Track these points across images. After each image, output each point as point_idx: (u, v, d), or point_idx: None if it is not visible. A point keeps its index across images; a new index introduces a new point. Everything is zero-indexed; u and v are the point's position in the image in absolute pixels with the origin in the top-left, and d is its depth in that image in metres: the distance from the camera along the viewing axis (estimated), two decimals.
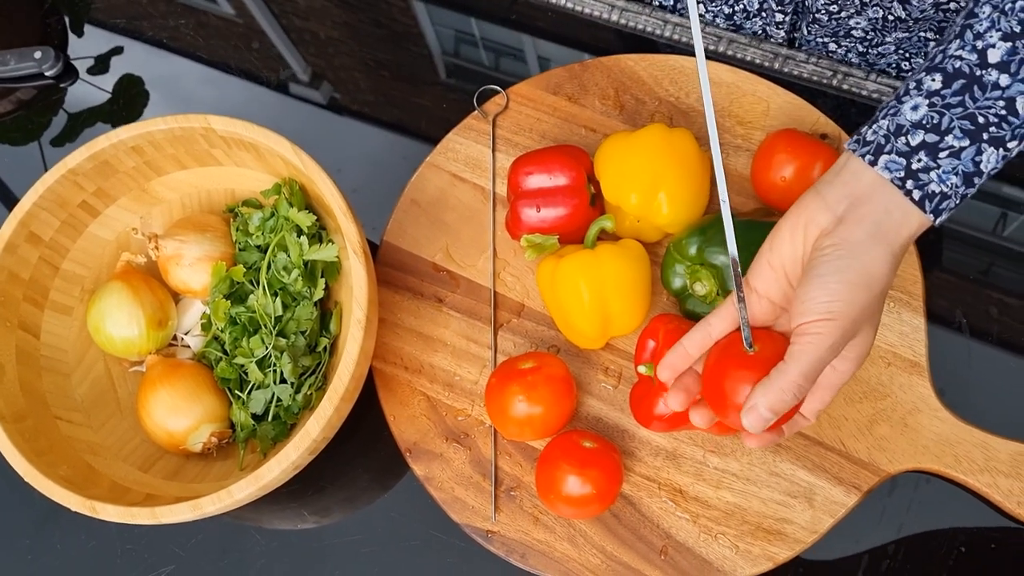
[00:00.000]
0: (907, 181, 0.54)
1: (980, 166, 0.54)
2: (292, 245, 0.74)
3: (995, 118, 0.53)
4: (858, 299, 0.54)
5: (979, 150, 0.54)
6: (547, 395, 0.69)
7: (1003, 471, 0.68)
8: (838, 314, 0.54)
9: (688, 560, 0.69)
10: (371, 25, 0.96)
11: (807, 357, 0.54)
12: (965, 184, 0.55)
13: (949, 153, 0.54)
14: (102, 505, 0.65)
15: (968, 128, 0.54)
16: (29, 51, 0.95)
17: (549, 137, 0.83)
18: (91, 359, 0.77)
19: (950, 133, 0.54)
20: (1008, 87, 0.53)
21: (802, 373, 0.54)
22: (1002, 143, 0.54)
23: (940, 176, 0.54)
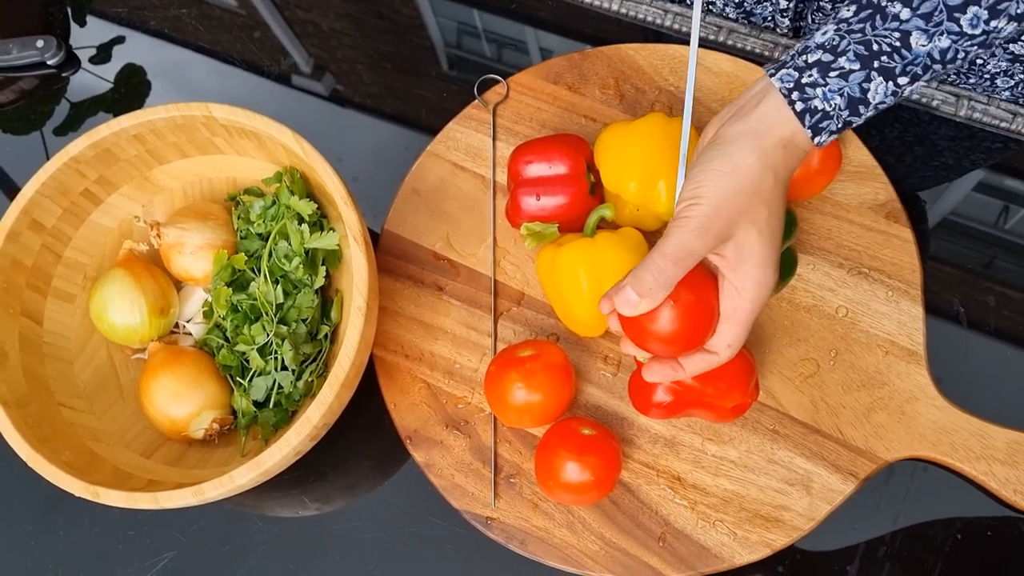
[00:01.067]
0: (793, 92, 0.56)
1: (867, 95, 0.55)
2: (293, 233, 0.74)
3: (888, 48, 0.54)
4: (723, 186, 0.55)
5: (868, 77, 0.55)
6: (546, 382, 0.69)
7: (999, 459, 0.69)
8: (702, 198, 0.55)
9: (686, 547, 0.70)
10: (373, 17, 0.96)
11: (670, 239, 0.56)
12: (849, 109, 0.56)
13: (839, 74, 0.55)
14: (105, 490, 0.65)
15: (862, 53, 0.55)
16: (31, 40, 0.95)
17: (549, 126, 0.83)
18: (94, 346, 0.78)
19: (844, 55, 0.55)
20: (907, 20, 0.54)
21: (664, 254, 0.55)
22: (891, 75, 0.55)
23: (825, 94, 0.55)
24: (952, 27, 0.53)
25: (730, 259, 0.58)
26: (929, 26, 0.53)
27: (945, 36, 0.54)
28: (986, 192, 0.81)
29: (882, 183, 0.77)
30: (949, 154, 0.82)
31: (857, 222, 0.76)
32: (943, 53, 0.54)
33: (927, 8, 0.53)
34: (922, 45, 0.54)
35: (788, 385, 0.73)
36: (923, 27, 0.54)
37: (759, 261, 0.57)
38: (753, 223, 0.57)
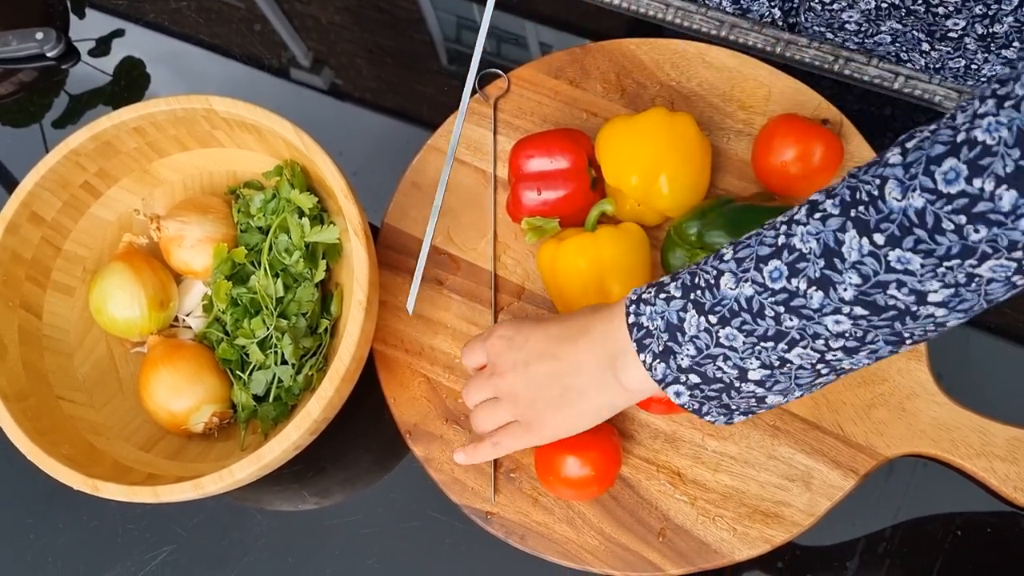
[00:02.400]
0: (632, 305, 0.59)
1: (683, 324, 0.56)
2: (293, 227, 0.74)
3: (704, 283, 0.55)
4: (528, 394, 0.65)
5: (684, 307, 0.56)
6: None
7: (1000, 456, 0.69)
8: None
9: (686, 542, 0.70)
10: (373, 11, 0.95)
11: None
12: (668, 334, 0.57)
13: (665, 297, 0.57)
14: (104, 484, 0.65)
15: (686, 283, 0.56)
16: (31, 32, 0.95)
17: (550, 120, 0.83)
18: (93, 339, 0.78)
19: (675, 282, 0.57)
20: (727, 261, 0.55)
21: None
22: (703, 311, 0.55)
23: (651, 313, 0.58)
24: (756, 276, 0.53)
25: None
26: (739, 271, 0.54)
27: (749, 284, 0.53)
28: None
29: None
30: None
31: None
32: (748, 301, 0.53)
33: (743, 254, 0.54)
34: (730, 288, 0.54)
35: None
36: (734, 270, 0.54)
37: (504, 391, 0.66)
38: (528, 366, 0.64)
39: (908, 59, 0.84)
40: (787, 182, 0.74)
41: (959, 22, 0.76)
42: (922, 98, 0.82)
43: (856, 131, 0.78)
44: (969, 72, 0.82)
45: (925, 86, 0.82)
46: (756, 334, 0.54)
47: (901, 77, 0.83)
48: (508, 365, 0.65)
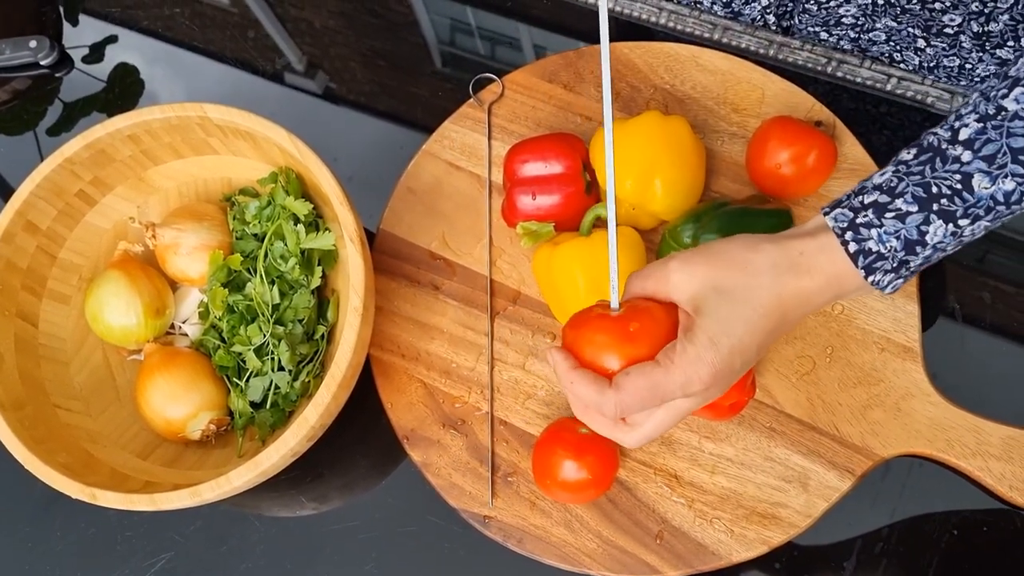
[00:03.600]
0: (847, 232, 0.54)
1: (926, 236, 0.53)
2: (289, 233, 0.74)
3: (948, 191, 0.53)
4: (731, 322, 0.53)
5: (927, 219, 0.53)
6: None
7: (995, 455, 0.69)
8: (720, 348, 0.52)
9: (684, 544, 0.70)
10: (367, 15, 0.96)
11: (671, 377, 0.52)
12: (906, 250, 0.54)
13: (895, 215, 0.54)
14: (101, 492, 0.65)
15: (920, 195, 0.53)
16: (24, 40, 0.94)
17: (545, 125, 0.83)
18: (89, 348, 0.78)
19: (901, 197, 0.54)
20: (968, 163, 0.53)
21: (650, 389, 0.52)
22: (952, 218, 0.53)
23: (880, 235, 0.54)
24: (1017, 169, 0.52)
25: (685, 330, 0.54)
26: (992, 168, 0.52)
27: (1010, 179, 0.52)
28: None
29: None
30: None
31: None
32: (1007, 195, 0.52)
33: (989, 150, 0.52)
34: (984, 188, 0.52)
35: (785, 382, 0.73)
36: (985, 169, 0.52)
37: (703, 334, 0.53)
38: (723, 293, 0.53)
39: (902, 59, 0.84)
40: (781, 184, 0.74)
41: (955, 18, 0.76)
42: (915, 99, 0.82)
43: (849, 132, 0.78)
44: (963, 72, 0.82)
45: (918, 87, 0.82)
46: (1003, 217, 0.53)
47: (894, 78, 0.83)
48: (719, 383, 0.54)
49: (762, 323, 0.53)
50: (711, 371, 0.52)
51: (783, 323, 0.54)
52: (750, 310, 0.53)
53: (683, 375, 0.52)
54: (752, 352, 0.54)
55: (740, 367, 0.54)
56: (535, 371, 0.76)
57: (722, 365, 0.52)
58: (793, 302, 0.54)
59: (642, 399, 0.52)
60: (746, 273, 0.54)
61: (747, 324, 0.53)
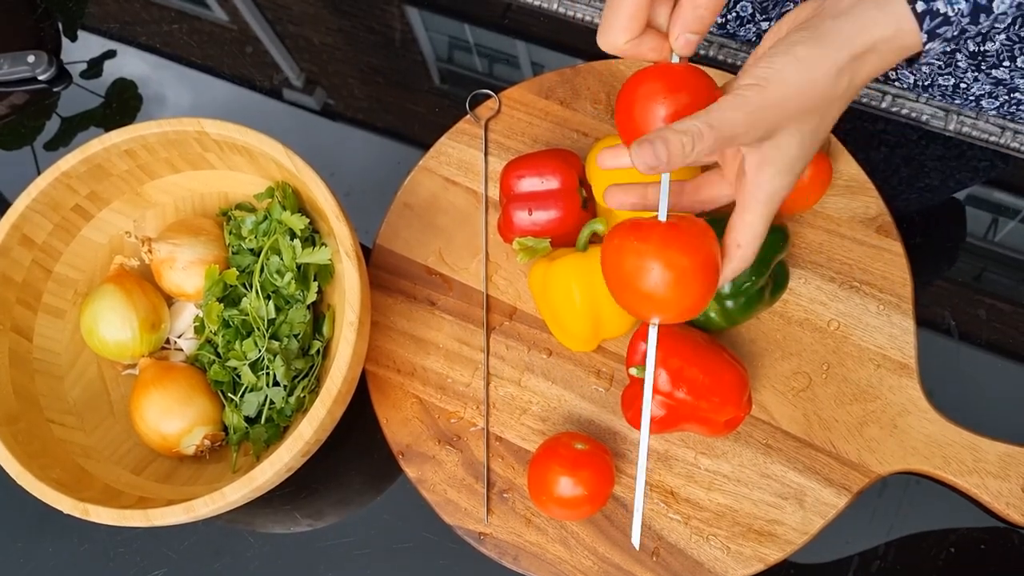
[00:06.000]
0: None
1: (992, 3, 0.50)
2: (285, 248, 0.74)
3: None
4: (794, 78, 0.51)
5: None
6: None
7: (992, 472, 0.69)
8: (769, 82, 0.50)
9: (680, 561, 0.70)
10: (365, 31, 0.96)
11: (719, 111, 0.51)
12: (971, 16, 0.51)
13: None
14: (95, 508, 0.65)
15: None
16: (22, 55, 0.95)
17: (541, 141, 0.83)
18: (84, 362, 0.77)
19: None
20: None
21: (707, 122, 0.50)
22: None
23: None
24: None
25: (758, 155, 0.54)
26: None
27: None
28: (976, 205, 0.81)
29: (872, 197, 0.77)
30: (939, 169, 0.82)
31: (848, 236, 0.77)
32: None
33: None
34: None
35: (781, 399, 0.73)
36: None
37: (784, 167, 0.53)
38: (800, 129, 0.53)
39: (897, 77, 0.84)
40: None
41: None
42: (909, 116, 0.83)
43: (844, 149, 0.79)
44: (958, 91, 0.83)
45: (912, 104, 0.83)
46: None
47: (889, 96, 0.83)
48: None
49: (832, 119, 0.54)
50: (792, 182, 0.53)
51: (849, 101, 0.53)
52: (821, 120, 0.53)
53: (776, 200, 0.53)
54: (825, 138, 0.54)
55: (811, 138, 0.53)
56: (531, 386, 0.76)
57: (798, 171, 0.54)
58: (859, 86, 0.53)
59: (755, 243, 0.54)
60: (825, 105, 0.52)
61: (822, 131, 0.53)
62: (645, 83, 0.54)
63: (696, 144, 0.50)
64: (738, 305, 0.70)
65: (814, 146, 0.54)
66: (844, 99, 0.53)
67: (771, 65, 0.51)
